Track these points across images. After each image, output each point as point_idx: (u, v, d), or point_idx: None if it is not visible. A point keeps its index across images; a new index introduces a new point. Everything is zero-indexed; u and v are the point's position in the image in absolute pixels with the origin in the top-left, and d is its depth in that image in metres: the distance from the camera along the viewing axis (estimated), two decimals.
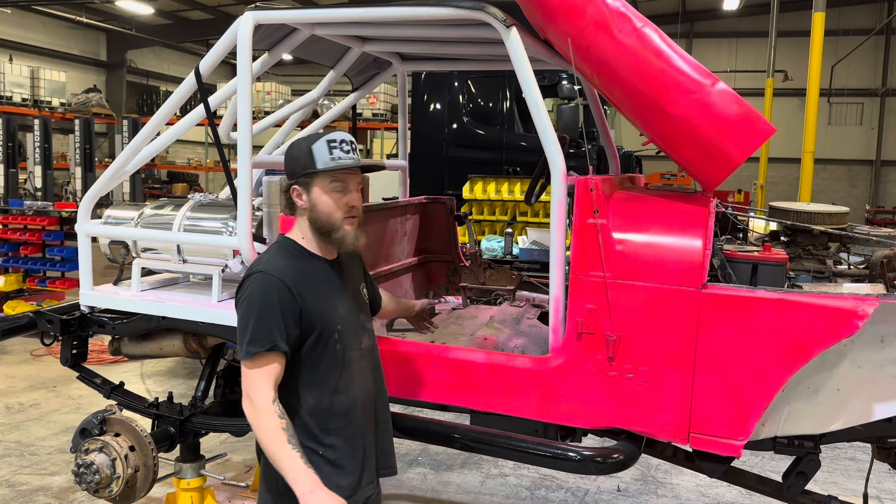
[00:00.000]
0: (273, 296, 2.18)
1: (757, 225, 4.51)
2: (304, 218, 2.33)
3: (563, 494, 4.82)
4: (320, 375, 2.28)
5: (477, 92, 8.82)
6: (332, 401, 2.29)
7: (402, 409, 3.34)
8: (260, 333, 2.16)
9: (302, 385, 2.27)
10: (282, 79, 23.50)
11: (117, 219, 3.81)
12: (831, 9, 13.50)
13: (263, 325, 2.16)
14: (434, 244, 4.71)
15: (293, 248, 2.33)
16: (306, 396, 2.27)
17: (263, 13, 3.10)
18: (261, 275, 2.22)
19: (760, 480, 3.25)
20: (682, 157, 3.06)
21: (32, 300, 8.94)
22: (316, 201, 2.29)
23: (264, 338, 2.15)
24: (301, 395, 2.27)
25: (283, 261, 2.27)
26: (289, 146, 2.37)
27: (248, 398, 2.15)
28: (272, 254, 2.32)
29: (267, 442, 2.10)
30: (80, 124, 14.90)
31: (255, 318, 2.17)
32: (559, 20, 2.96)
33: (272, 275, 2.21)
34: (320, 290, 2.30)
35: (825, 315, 2.48)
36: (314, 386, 2.27)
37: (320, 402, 2.27)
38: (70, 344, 3.78)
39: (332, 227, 2.30)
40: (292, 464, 2.07)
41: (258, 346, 2.15)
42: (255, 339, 2.15)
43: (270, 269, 2.23)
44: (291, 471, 2.07)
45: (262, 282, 2.20)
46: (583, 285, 2.74)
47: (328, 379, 2.29)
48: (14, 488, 4.70)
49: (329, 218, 2.29)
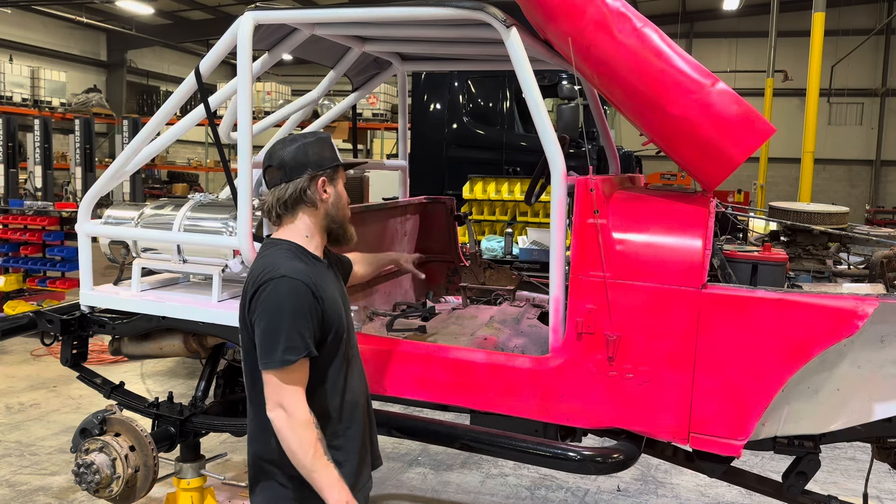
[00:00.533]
0: (302, 300, 2.13)
1: (757, 225, 4.51)
2: (313, 215, 2.29)
3: (563, 494, 4.82)
4: (332, 377, 2.27)
5: (477, 92, 8.82)
6: (343, 401, 2.29)
7: (402, 409, 3.34)
8: (295, 341, 2.10)
9: (318, 388, 2.23)
10: (282, 79, 23.50)
11: (117, 219, 3.81)
12: (831, 9, 13.50)
13: (297, 331, 2.10)
14: (434, 244, 4.71)
15: (299, 250, 2.28)
16: (322, 399, 2.24)
17: (263, 13, 3.10)
18: (284, 280, 2.13)
19: (760, 480, 3.25)
20: (682, 157, 3.06)
21: (32, 300, 8.94)
22: (341, 194, 2.32)
23: (300, 345, 2.10)
24: (318, 399, 2.22)
25: (299, 263, 2.22)
26: (296, 138, 2.32)
27: (280, 408, 2.10)
28: (285, 257, 2.23)
29: (302, 454, 2.07)
30: (80, 124, 14.90)
31: (289, 325, 2.10)
32: (559, 20, 2.96)
33: (296, 278, 2.14)
34: (330, 292, 2.27)
35: (825, 315, 2.48)
36: (329, 388, 2.26)
37: (332, 404, 2.26)
38: (70, 344, 3.78)
39: (343, 220, 2.34)
40: (329, 476, 2.08)
41: (295, 353, 2.09)
42: (290, 347, 2.09)
43: (292, 272, 2.16)
44: (328, 482, 2.07)
45: (289, 286, 2.13)
46: (583, 285, 2.74)
47: (339, 379, 2.28)
48: (14, 488, 4.70)
49: (341, 212, 2.33)
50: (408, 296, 4.45)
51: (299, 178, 2.26)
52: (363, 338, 3.11)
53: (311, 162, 2.27)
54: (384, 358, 3.04)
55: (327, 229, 2.33)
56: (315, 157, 2.28)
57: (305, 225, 2.30)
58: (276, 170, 2.29)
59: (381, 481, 4.94)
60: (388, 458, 5.34)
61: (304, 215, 2.30)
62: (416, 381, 3.02)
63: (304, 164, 2.26)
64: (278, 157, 2.29)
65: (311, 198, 2.27)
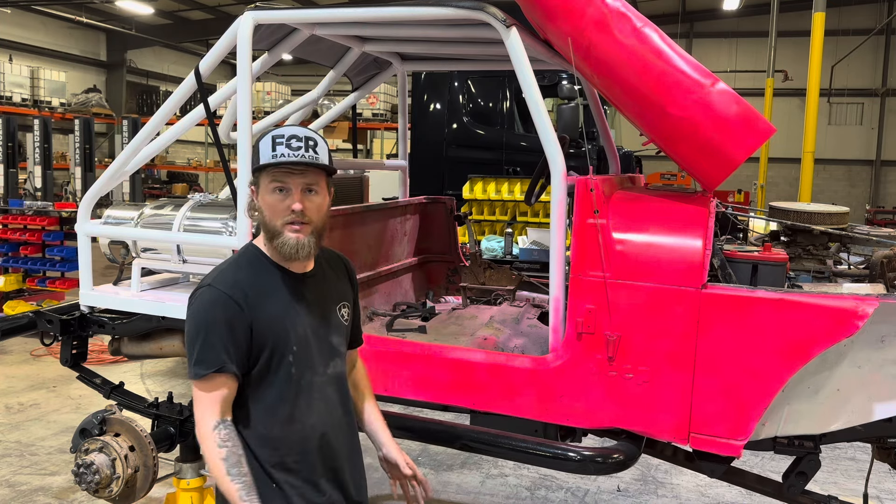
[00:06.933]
0: (219, 312, 2.00)
1: (757, 225, 4.51)
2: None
3: (563, 494, 4.82)
4: (271, 401, 2.06)
5: (477, 92, 8.82)
6: (285, 431, 2.07)
7: (402, 409, 3.34)
8: (206, 354, 1.98)
9: (252, 411, 2.07)
10: (282, 79, 23.51)
11: (117, 219, 3.81)
12: (831, 9, 13.50)
13: (210, 344, 1.98)
14: (434, 244, 4.71)
15: (254, 256, 2.12)
16: (256, 424, 2.07)
17: (263, 13, 3.10)
18: (208, 289, 2.03)
19: (760, 480, 3.24)
20: (682, 157, 3.05)
21: (32, 300, 8.93)
22: (261, 203, 2.07)
23: (211, 359, 1.98)
24: (251, 422, 2.07)
25: (236, 273, 2.07)
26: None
27: (197, 420, 2.01)
28: (227, 264, 2.12)
29: (210, 465, 1.99)
30: (80, 124, 14.92)
31: (203, 338, 1.99)
32: (559, 20, 2.96)
33: (219, 289, 2.02)
34: (276, 305, 2.07)
35: (825, 315, 2.48)
36: (264, 412, 2.07)
37: (270, 431, 2.06)
38: (70, 344, 3.78)
39: (272, 232, 2.05)
40: (231, 494, 1.94)
41: (204, 367, 1.98)
42: (201, 361, 1.98)
43: (219, 282, 2.04)
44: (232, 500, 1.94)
45: (209, 297, 2.02)
46: (583, 285, 2.74)
47: (279, 406, 2.07)
48: (14, 488, 4.70)
49: (270, 222, 2.05)
50: (408, 296, 4.44)
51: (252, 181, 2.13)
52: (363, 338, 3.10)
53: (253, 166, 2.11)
54: (384, 358, 3.04)
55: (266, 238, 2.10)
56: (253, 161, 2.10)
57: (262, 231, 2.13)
58: None
59: (381, 481, 4.94)
60: None
61: None
62: (416, 381, 3.02)
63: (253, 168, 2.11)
64: None
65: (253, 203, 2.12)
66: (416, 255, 4.63)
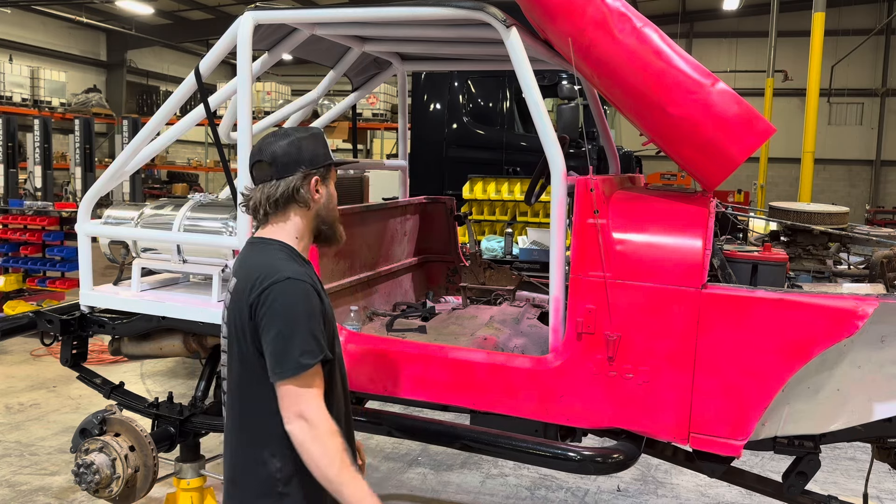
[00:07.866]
0: (314, 302, 2.01)
1: (757, 225, 4.51)
2: (304, 216, 2.15)
3: (563, 494, 4.82)
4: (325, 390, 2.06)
5: (477, 92, 8.82)
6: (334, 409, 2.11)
7: (402, 409, 3.34)
8: (311, 344, 1.96)
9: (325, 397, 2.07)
10: (282, 79, 23.49)
11: (117, 219, 3.81)
12: (831, 9, 13.50)
13: (312, 334, 1.97)
14: (434, 244, 4.71)
15: (293, 253, 2.13)
16: None
17: (263, 13, 3.10)
18: (290, 282, 1.99)
19: (760, 480, 3.25)
20: (682, 157, 3.06)
21: (32, 300, 8.94)
22: (332, 195, 2.18)
23: (315, 349, 1.96)
24: None
25: (298, 266, 2.07)
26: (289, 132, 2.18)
27: (300, 419, 1.93)
28: (282, 260, 2.08)
29: (328, 466, 1.91)
30: (80, 124, 14.89)
31: (304, 329, 1.96)
32: (559, 20, 2.96)
33: (303, 280, 2.01)
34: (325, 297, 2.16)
35: (825, 315, 2.48)
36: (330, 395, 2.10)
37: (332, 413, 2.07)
38: (70, 344, 3.78)
39: (335, 220, 2.21)
40: (359, 488, 1.90)
41: (312, 357, 1.95)
42: (307, 352, 1.95)
43: (297, 274, 2.02)
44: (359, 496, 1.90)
45: (301, 289, 1.99)
46: (583, 285, 2.74)
47: (330, 394, 2.09)
48: (14, 488, 4.70)
49: (334, 212, 2.19)
50: (408, 296, 4.45)
51: (291, 177, 2.10)
52: (364, 338, 3.11)
53: (304, 159, 2.12)
54: (384, 358, 3.04)
55: (316, 230, 2.19)
56: (309, 154, 2.13)
57: (295, 226, 2.15)
58: (266, 165, 2.12)
59: (381, 481, 4.94)
60: (388, 459, 5.34)
61: (295, 216, 2.15)
62: (416, 381, 3.02)
63: (297, 161, 2.11)
64: (269, 151, 2.12)
65: (304, 197, 2.12)
66: (416, 255, 4.63)
